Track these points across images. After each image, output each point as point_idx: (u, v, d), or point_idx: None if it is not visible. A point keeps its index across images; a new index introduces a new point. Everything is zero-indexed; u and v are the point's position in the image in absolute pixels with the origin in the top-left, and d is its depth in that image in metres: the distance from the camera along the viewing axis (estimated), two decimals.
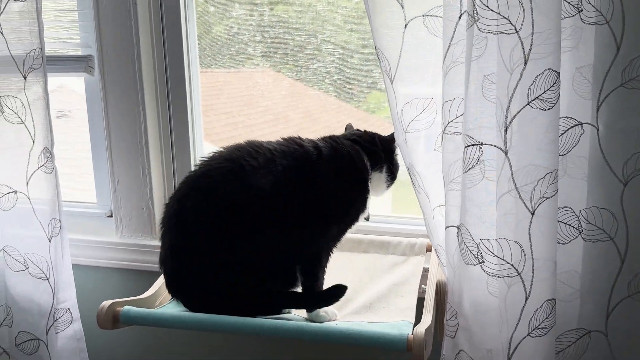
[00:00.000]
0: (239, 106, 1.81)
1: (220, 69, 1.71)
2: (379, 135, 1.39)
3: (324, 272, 1.25)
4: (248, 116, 1.79)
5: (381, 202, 1.80)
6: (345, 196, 1.27)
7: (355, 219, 1.31)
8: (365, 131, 1.40)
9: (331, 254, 1.28)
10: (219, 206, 1.16)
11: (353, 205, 1.29)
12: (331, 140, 1.31)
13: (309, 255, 1.22)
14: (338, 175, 1.25)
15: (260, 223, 1.16)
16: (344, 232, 1.30)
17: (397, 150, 1.38)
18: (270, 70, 1.68)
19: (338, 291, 1.19)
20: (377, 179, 1.34)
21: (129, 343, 1.75)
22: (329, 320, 1.19)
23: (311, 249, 1.22)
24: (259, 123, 1.77)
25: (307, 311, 1.20)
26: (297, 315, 1.21)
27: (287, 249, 1.19)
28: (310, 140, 1.29)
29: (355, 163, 1.29)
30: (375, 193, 1.36)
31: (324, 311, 1.18)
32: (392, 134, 1.34)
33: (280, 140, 1.28)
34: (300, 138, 1.29)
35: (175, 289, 1.21)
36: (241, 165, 1.17)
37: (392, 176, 1.38)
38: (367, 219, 1.38)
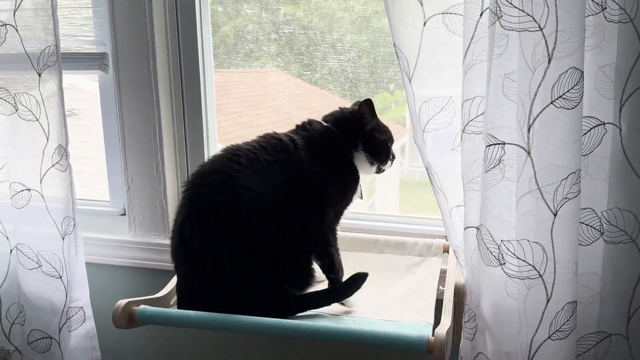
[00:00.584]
0: (247, 106, 1.80)
1: (227, 69, 1.70)
2: (352, 112, 1.34)
3: (337, 250, 1.26)
4: (256, 116, 1.78)
5: (388, 202, 1.79)
6: (330, 178, 1.26)
7: (348, 199, 1.30)
8: (339, 110, 1.36)
9: (336, 231, 1.29)
10: (218, 221, 1.14)
11: (340, 186, 1.28)
12: (303, 129, 1.30)
13: (316, 240, 1.23)
14: (317, 160, 1.24)
15: (262, 222, 1.15)
16: (340, 213, 1.30)
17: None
18: (278, 70, 1.68)
19: (358, 281, 1.18)
20: (357, 158, 1.32)
21: (141, 342, 1.75)
22: (347, 309, 1.20)
23: (315, 234, 1.22)
24: (268, 123, 1.76)
25: None
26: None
27: (293, 240, 1.19)
28: (286, 134, 1.28)
29: (330, 145, 1.28)
30: (363, 172, 1.34)
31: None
32: (359, 104, 1.32)
33: (257, 138, 1.27)
34: (275, 133, 1.28)
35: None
36: (226, 172, 1.16)
37: (371, 152, 1.31)
38: (360, 197, 1.36)
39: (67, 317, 1.48)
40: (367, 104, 1.30)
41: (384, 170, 1.37)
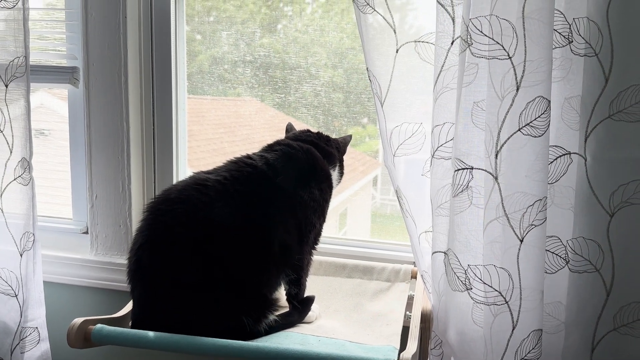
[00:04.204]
0: (222, 133, 1.80)
1: (203, 96, 1.70)
2: (329, 137, 1.41)
3: (307, 276, 1.26)
4: (230, 143, 1.77)
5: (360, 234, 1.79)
6: (316, 199, 1.25)
7: (325, 215, 1.30)
8: (318, 132, 1.40)
9: (312, 258, 1.28)
10: (178, 253, 1.09)
11: (325, 206, 1.29)
12: (280, 149, 1.27)
13: (295, 266, 1.20)
14: (302, 182, 1.23)
15: (227, 257, 1.10)
16: (320, 234, 1.29)
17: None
18: (254, 99, 1.68)
19: (308, 304, 1.23)
20: (332, 177, 1.34)
21: None
22: (309, 323, 1.21)
23: (293, 260, 1.20)
24: (241, 151, 1.78)
25: None
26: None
27: (262, 273, 1.15)
28: (261, 156, 1.24)
29: (317, 162, 1.29)
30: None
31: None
32: (346, 136, 1.44)
33: (229, 164, 1.23)
34: (249, 157, 1.25)
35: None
36: (192, 204, 1.12)
37: (341, 176, 1.40)
38: None
39: (20, 337, 1.42)
40: (350, 139, 1.45)
41: None
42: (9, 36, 1.36)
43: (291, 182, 1.21)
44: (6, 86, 1.36)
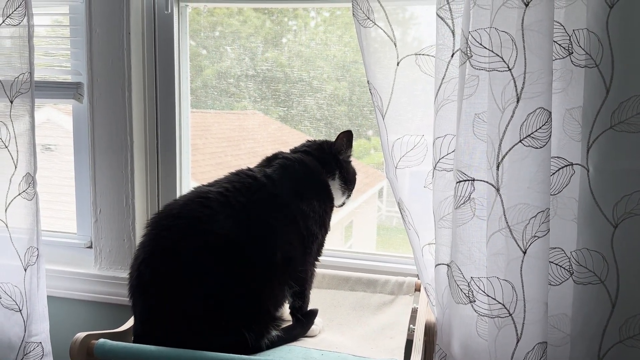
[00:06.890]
0: (226, 147, 1.81)
1: (208, 110, 1.71)
2: (327, 142, 1.38)
3: (310, 288, 1.25)
4: (234, 157, 1.78)
5: (366, 246, 1.78)
6: (316, 210, 1.24)
7: (327, 228, 1.29)
8: (314, 140, 1.39)
9: (315, 269, 1.27)
10: (181, 269, 1.08)
11: (325, 217, 1.27)
12: (277, 162, 1.27)
13: (298, 278, 1.19)
14: (299, 193, 1.22)
15: (231, 270, 1.09)
16: (322, 244, 1.28)
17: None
18: (258, 113, 1.69)
19: (310, 317, 1.22)
20: (332, 187, 1.32)
21: None
22: (313, 336, 1.20)
23: (296, 272, 1.19)
24: (246, 164, 1.79)
25: None
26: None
27: (266, 286, 1.14)
28: (260, 169, 1.25)
29: (313, 174, 1.28)
30: (335, 201, 1.33)
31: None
32: (342, 133, 1.35)
33: (230, 176, 1.23)
34: (250, 169, 1.25)
35: None
36: (195, 218, 1.11)
37: (345, 182, 1.34)
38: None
39: (24, 352, 1.42)
40: (347, 136, 1.34)
41: (345, 203, 1.38)
42: (14, 53, 1.38)
43: (290, 193, 1.21)
44: (11, 102, 1.38)
